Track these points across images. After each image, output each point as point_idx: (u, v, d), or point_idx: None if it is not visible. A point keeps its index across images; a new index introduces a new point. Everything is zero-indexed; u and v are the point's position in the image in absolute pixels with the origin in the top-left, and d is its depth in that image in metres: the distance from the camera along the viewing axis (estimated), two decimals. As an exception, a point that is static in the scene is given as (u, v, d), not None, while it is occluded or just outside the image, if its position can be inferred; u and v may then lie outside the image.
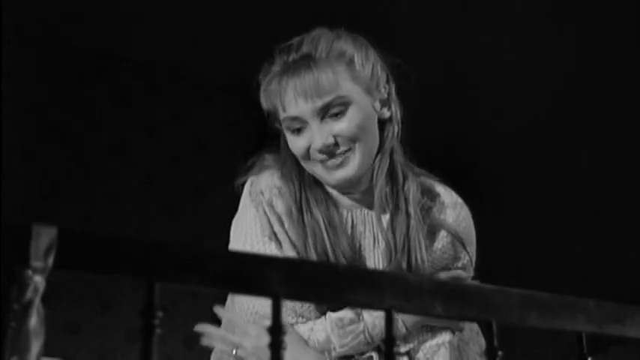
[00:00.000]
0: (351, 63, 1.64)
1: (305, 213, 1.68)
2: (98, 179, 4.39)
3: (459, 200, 1.79)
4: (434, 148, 4.78)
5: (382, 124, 1.72)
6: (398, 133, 1.72)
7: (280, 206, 1.68)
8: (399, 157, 1.73)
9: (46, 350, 0.85)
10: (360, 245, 1.71)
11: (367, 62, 1.68)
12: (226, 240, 1.76)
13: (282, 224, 1.67)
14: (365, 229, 1.72)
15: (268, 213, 1.68)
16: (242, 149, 1.71)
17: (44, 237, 0.78)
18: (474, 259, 1.77)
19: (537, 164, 5.36)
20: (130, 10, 4.16)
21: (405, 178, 1.72)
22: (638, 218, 5.03)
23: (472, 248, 1.77)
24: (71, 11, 4.14)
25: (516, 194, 5.57)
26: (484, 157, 5.40)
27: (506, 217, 5.47)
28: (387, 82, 1.73)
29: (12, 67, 4.01)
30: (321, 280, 0.91)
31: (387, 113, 1.71)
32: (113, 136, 4.50)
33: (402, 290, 0.94)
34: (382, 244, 1.69)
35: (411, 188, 1.71)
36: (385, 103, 1.71)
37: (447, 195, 1.78)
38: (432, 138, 4.99)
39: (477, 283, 1.70)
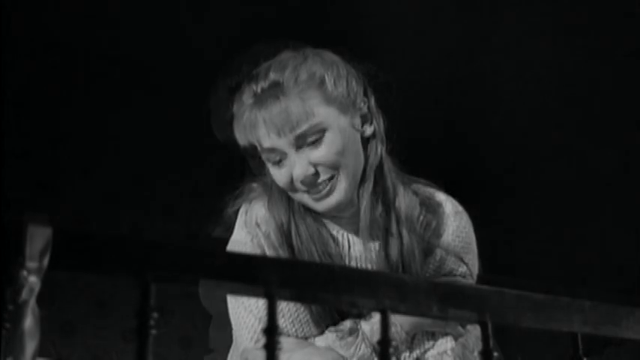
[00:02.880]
0: (322, 84, 1.56)
1: (296, 242, 1.61)
2: (94, 179, 4.38)
3: (459, 208, 1.75)
4: (432, 147, 4.78)
5: (367, 140, 1.64)
6: (383, 148, 1.65)
7: (277, 240, 1.62)
8: (389, 172, 1.66)
9: (42, 351, 0.85)
10: (356, 266, 1.66)
11: (339, 79, 1.59)
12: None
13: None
14: (354, 252, 1.67)
15: (265, 246, 1.62)
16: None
17: (39, 237, 0.78)
18: (474, 269, 1.73)
19: (534, 163, 5.36)
20: (128, 8, 4.16)
21: (395, 193, 1.66)
22: (635, 218, 5.03)
23: (472, 256, 1.74)
24: (69, 11, 4.14)
25: (513, 193, 5.57)
26: (481, 157, 5.39)
27: (502, 217, 5.46)
28: (365, 94, 1.65)
29: (10, 66, 4.00)
30: (316, 280, 0.91)
31: (369, 129, 1.64)
32: (109, 135, 4.49)
33: (397, 291, 0.94)
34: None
35: (402, 204, 1.65)
36: (366, 118, 1.64)
37: (448, 204, 1.74)
38: (430, 136, 4.99)
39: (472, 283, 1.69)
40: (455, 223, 1.72)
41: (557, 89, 4.72)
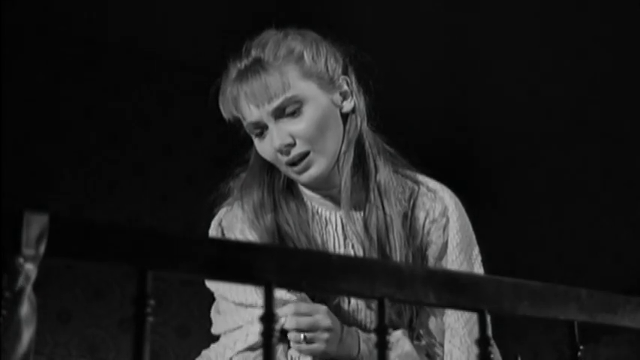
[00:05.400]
0: (300, 60, 1.63)
1: (279, 221, 1.68)
2: (91, 168, 4.38)
3: (453, 202, 1.75)
4: (432, 142, 4.79)
5: (347, 115, 1.70)
6: (362, 123, 1.70)
7: (252, 235, 1.68)
8: (370, 148, 1.71)
9: (38, 339, 0.85)
10: (327, 247, 1.69)
11: (319, 56, 1.66)
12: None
13: None
14: (336, 229, 1.71)
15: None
16: (235, 136, 1.72)
17: (36, 224, 0.78)
18: (479, 257, 1.74)
19: (532, 157, 5.37)
20: (131, 3, 4.16)
21: (376, 168, 1.70)
22: (631, 209, 5.04)
23: (475, 246, 1.75)
24: (74, 3, 4.14)
25: (510, 186, 5.57)
26: (480, 151, 5.40)
27: (500, 210, 5.47)
28: (346, 73, 1.71)
29: (7, 57, 4.00)
30: (313, 268, 0.91)
31: (349, 105, 1.69)
32: (106, 125, 4.49)
33: (394, 279, 0.94)
34: (356, 245, 1.68)
35: (382, 179, 1.69)
36: (346, 95, 1.69)
37: (446, 194, 1.75)
38: (430, 132, 5.00)
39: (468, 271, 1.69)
40: (457, 225, 1.72)
41: (555, 84, 4.72)
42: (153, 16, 4.31)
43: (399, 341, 1.61)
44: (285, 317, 1.54)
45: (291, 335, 1.55)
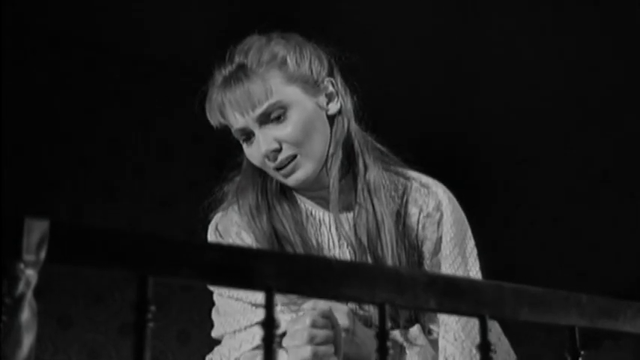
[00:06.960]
0: (283, 65, 1.64)
1: (275, 223, 1.69)
2: (91, 172, 4.38)
3: (446, 196, 1.75)
4: (432, 144, 4.79)
5: (333, 117, 1.71)
6: (349, 123, 1.71)
7: (249, 238, 1.69)
8: (359, 147, 1.72)
9: (38, 345, 0.84)
10: (322, 248, 1.70)
11: (302, 60, 1.66)
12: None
13: None
14: (330, 229, 1.71)
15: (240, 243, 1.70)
16: (235, 141, 1.74)
17: (36, 230, 0.77)
18: (474, 251, 1.75)
19: (531, 160, 5.37)
20: (131, 6, 4.16)
21: (366, 168, 1.70)
22: (630, 213, 5.04)
23: (469, 240, 1.75)
24: (66, 6, 4.13)
25: (510, 190, 5.57)
26: (479, 154, 5.40)
27: (500, 210, 5.47)
28: (331, 74, 1.72)
29: (7, 59, 4.00)
30: (313, 273, 0.91)
31: (335, 107, 1.70)
32: (107, 128, 4.49)
33: (395, 284, 0.94)
34: (345, 246, 1.69)
35: (372, 177, 1.69)
36: (331, 96, 1.70)
37: (442, 193, 1.75)
38: (430, 133, 5.00)
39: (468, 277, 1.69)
40: (451, 218, 1.72)
41: (555, 83, 4.72)
42: (154, 18, 4.31)
43: (417, 339, 1.63)
44: (304, 311, 1.54)
45: None
